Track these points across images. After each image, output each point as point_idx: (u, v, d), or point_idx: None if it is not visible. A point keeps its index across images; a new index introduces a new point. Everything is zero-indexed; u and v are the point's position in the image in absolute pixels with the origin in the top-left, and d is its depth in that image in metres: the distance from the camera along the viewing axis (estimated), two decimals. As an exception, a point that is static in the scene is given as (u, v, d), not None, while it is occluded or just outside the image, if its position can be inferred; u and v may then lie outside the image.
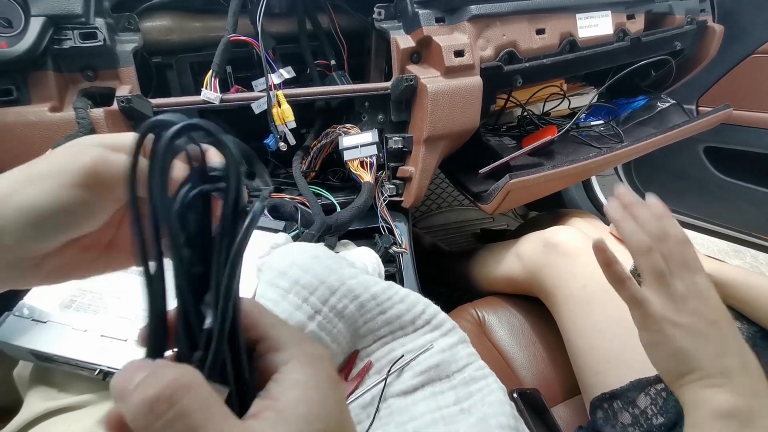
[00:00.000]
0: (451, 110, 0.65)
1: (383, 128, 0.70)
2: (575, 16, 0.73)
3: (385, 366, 0.46)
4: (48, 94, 0.55)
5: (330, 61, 0.73)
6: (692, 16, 0.86)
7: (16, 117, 0.53)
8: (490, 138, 0.85)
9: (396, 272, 0.67)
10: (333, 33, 0.73)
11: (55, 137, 0.52)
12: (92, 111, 0.55)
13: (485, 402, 0.44)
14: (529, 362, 0.71)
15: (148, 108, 0.58)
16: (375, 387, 0.45)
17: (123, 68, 0.57)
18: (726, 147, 1.08)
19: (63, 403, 0.41)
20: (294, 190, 0.71)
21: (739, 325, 0.59)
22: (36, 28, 0.52)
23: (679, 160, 1.18)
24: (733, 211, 1.14)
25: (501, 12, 0.67)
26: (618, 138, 0.86)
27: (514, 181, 0.69)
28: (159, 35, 0.65)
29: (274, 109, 0.62)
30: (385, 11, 0.66)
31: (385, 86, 0.66)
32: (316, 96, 0.65)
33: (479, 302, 0.80)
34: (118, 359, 0.40)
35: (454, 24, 0.66)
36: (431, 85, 0.62)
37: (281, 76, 0.63)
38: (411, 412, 0.43)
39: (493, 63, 0.68)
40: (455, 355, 0.47)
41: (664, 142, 0.84)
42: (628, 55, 0.81)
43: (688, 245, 0.43)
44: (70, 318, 0.42)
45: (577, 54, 0.74)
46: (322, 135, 0.71)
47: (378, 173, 0.71)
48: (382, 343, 0.47)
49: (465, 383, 0.46)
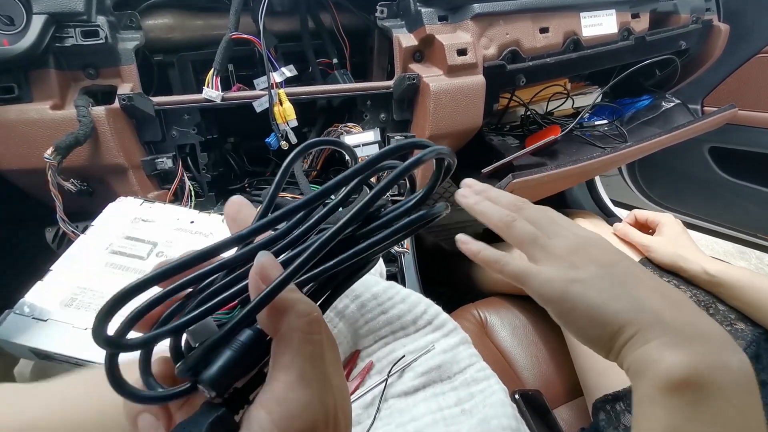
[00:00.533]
0: (454, 109, 0.64)
1: (385, 127, 0.70)
2: (579, 14, 0.73)
3: (386, 366, 0.46)
4: (50, 91, 0.55)
5: (332, 59, 0.73)
6: (697, 15, 0.85)
7: (17, 115, 0.53)
8: (493, 137, 0.85)
9: (397, 272, 0.66)
10: (335, 31, 0.73)
11: (57, 135, 0.52)
12: (94, 109, 0.55)
13: (486, 403, 0.43)
14: (531, 363, 0.71)
15: (150, 106, 0.58)
16: (376, 387, 0.45)
17: (124, 66, 0.57)
18: (731, 147, 1.07)
19: (63, 402, 0.41)
20: (295, 189, 0.71)
21: (743, 327, 0.59)
22: (38, 25, 0.52)
23: (683, 161, 1.17)
24: (738, 212, 1.13)
25: (504, 10, 0.66)
26: (622, 138, 0.86)
27: (516, 181, 0.68)
28: (161, 33, 0.65)
29: (275, 108, 0.61)
30: (388, 9, 0.66)
31: (388, 85, 0.65)
32: (318, 95, 0.65)
33: (481, 303, 0.80)
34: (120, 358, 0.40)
35: (457, 22, 0.65)
36: (434, 84, 0.62)
37: (283, 74, 0.63)
38: (412, 412, 0.43)
39: (496, 62, 0.67)
40: (457, 356, 0.47)
41: (668, 142, 0.84)
42: (632, 54, 0.81)
43: (549, 209, 0.39)
44: (71, 316, 0.42)
45: (580, 53, 0.73)
46: (324, 134, 0.71)
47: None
48: (383, 343, 0.47)
49: (466, 384, 0.45)
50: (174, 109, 0.61)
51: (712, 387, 0.27)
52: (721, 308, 0.59)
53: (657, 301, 0.31)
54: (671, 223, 0.71)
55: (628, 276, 0.33)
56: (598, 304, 0.31)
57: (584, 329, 0.33)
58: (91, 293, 0.44)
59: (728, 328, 0.58)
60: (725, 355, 0.29)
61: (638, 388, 0.30)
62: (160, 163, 0.61)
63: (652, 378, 0.29)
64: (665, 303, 0.31)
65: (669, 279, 0.66)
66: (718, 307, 0.60)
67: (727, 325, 0.58)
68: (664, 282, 0.33)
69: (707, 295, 0.62)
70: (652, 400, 0.29)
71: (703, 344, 0.29)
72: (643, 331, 0.30)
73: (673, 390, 0.28)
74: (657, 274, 0.68)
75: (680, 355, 0.28)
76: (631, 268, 0.33)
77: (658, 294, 0.32)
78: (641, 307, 0.31)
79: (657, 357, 0.29)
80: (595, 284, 0.32)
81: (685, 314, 0.31)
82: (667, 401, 0.28)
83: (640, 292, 0.32)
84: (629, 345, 0.30)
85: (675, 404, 0.28)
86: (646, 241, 0.70)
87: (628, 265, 0.34)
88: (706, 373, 0.27)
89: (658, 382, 0.28)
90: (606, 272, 0.33)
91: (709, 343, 0.29)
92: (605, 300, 0.31)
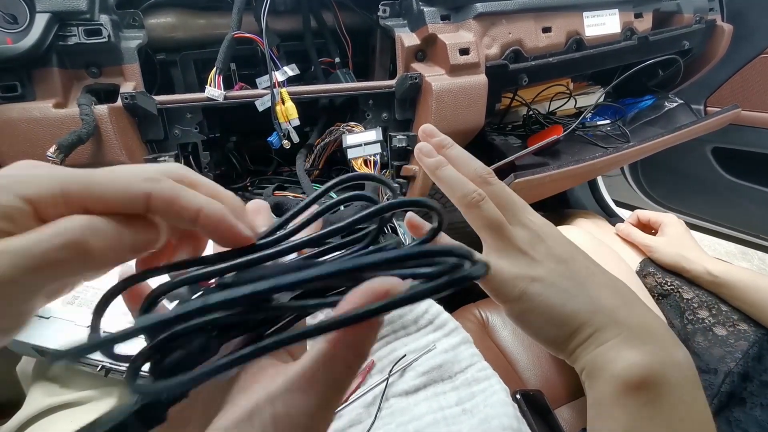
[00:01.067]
0: (456, 109, 0.64)
1: (387, 126, 0.70)
2: (582, 14, 0.72)
3: (387, 365, 0.46)
4: (52, 90, 0.55)
5: (334, 58, 0.73)
6: (701, 15, 0.85)
7: (20, 113, 0.53)
8: (495, 137, 0.85)
9: (399, 271, 0.66)
10: (337, 30, 0.73)
11: (60, 134, 0.52)
12: (96, 108, 0.55)
13: (487, 403, 0.43)
14: (533, 363, 0.71)
15: (152, 105, 0.58)
16: (377, 387, 0.45)
17: (127, 65, 0.57)
18: (734, 148, 1.07)
19: (65, 399, 0.41)
20: (297, 188, 0.71)
21: (746, 328, 0.58)
22: (41, 24, 0.52)
23: (686, 161, 1.17)
24: (741, 213, 1.13)
25: (507, 10, 0.66)
26: (624, 138, 0.85)
27: (518, 181, 0.68)
28: (163, 32, 0.65)
29: (277, 107, 0.61)
30: (390, 9, 0.66)
31: (390, 84, 0.65)
32: (320, 94, 0.65)
33: (483, 302, 0.80)
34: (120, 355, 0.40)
35: (460, 22, 0.65)
36: (436, 84, 0.62)
37: (285, 73, 0.63)
38: (413, 412, 0.43)
39: (498, 61, 0.67)
40: (458, 355, 0.47)
41: (671, 142, 0.83)
42: (635, 54, 0.80)
43: (502, 184, 0.35)
44: (73, 314, 0.42)
45: (583, 53, 0.73)
46: (326, 133, 0.71)
47: (382, 172, 0.71)
48: (384, 342, 0.47)
49: (467, 384, 0.46)
50: (176, 108, 0.61)
51: (666, 384, 0.27)
52: (724, 309, 0.59)
53: (611, 299, 0.31)
54: (674, 223, 0.71)
55: (584, 271, 0.32)
56: (557, 304, 0.30)
57: (542, 330, 0.31)
58: (93, 291, 0.44)
59: (731, 329, 0.58)
60: (673, 351, 0.29)
61: (594, 389, 0.29)
62: (163, 161, 0.61)
63: (609, 378, 0.28)
64: (618, 300, 0.31)
65: (672, 279, 0.66)
66: (721, 308, 0.60)
67: (730, 326, 0.58)
68: (613, 276, 0.32)
69: (710, 296, 0.62)
70: (610, 401, 0.28)
71: (654, 342, 0.29)
72: (599, 332, 0.29)
73: (631, 390, 0.27)
74: (659, 274, 0.68)
75: (636, 355, 0.28)
76: (586, 263, 0.32)
77: (611, 290, 0.31)
78: (597, 306, 0.30)
79: (613, 357, 0.28)
80: (554, 282, 0.31)
81: (636, 312, 0.31)
82: (625, 401, 0.27)
83: (596, 290, 0.31)
84: (584, 345, 0.30)
85: (633, 404, 0.27)
86: (648, 242, 0.70)
87: (583, 260, 0.32)
88: (661, 370, 0.28)
89: (616, 382, 0.28)
90: (565, 268, 0.31)
91: (659, 341, 0.29)
92: (564, 300, 0.30)
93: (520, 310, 0.31)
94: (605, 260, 0.67)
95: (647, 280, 0.68)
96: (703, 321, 0.59)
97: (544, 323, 0.31)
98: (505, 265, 0.31)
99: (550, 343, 0.32)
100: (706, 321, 0.59)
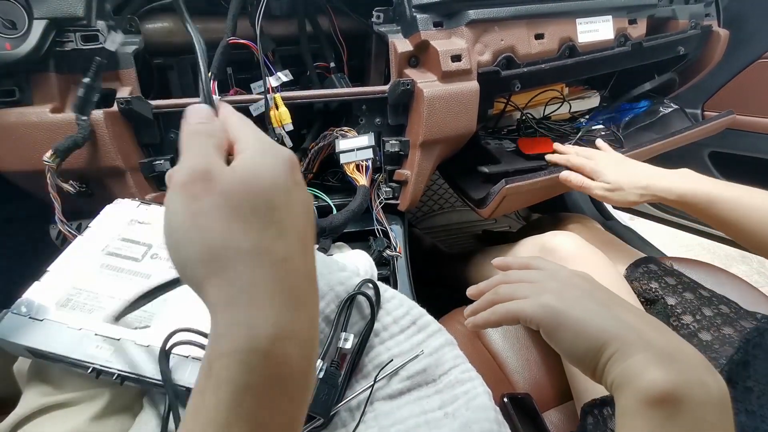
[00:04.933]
0: (447, 115, 0.65)
1: (381, 131, 0.70)
2: (575, 21, 0.73)
3: (372, 370, 0.46)
4: (50, 95, 0.56)
5: (329, 63, 0.74)
6: (696, 21, 0.85)
7: (18, 117, 0.54)
8: (489, 141, 0.86)
9: (390, 275, 0.67)
10: (333, 35, 0.73)
11: (56, 138, 0.54)
12: (92, 112, 0.56)
13: (469, 407, 0.44)
14: (522, 366, 0.71)
15: (148, 110, 0.59)
16: (362, 393, 0.45)
17: (123, 70, 0.58)
18: (732, 152, 1.07)
19: (58, 399, 0.42)
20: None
21: (731, 332, 0.58)
22: (39, 30, 0.53)
23: (683, 165, 1.16)
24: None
25: (499, 17, 0.67)
26: (619, 143, 0.86)
27: (509, 186, 0.69)
28: (160, 37, 0.66)
29: (271, 112, 0.62)
30: (384, 15, 0.66)
31: (383, 90, 0.66)
32: (313, 99, 0.66)
33: (474, 305, 0.81)
34: (111, 358, 0.41)
35: (452, 28, 0.66)
36: (427, 90, 0.63)
37: (279, 79, 0.64)
38: (396, 416, 0.44)
39: (490, 68, 0.67)
40: (441, 358, 0.48)
41: (665, 147, 0.84)
42: (629, 60, 0.81)
43: None
44: (66, 316, 0.43)
45: (576, 59, 0.74)
46: (320, 137, 0.71)
47: (375, 176, 0.71)
48: (368, 348, 0.48)
49: (450, 386, 0.46)
50: (172, 112, 0.62)
51: (690, 402, 0.29)
52: (708, 314, 0.60)
53: (638, 321, 0.34)
54: (604, 155, 0.73)
55: (608, 299, 0.36)
56: (584, 319, 0.34)
57: (572, 346, 0.35)
58: (86, 294, 0.45)
59: (715, 334, 0.58)
60: (703, 375, 0.30)
61: (621, 401, 0.32)
62: (158, 165, 0.62)
63: (634, 391, 0.30)
64: (645, 323, 0.34)
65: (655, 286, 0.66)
66: (704, 312, 0.60)
67: (714, 331, 0.58)
68: (641, 309, 0.37)
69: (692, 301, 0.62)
70: (633, 412, 0.30)
71: (683, 363, 0.31)
72: (626, 347, 0.32)
73: (653, 403, 0.29)
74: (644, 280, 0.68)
75: (661, 371, 0.30)
76: (609, 293, 0.37)
77: (637, 316, 0.34)
78: (623, 324, 0.33)
79: (639, 371, 0.30)
80: (579, 304, 0.35)
81: (665, 336, 0.33)
82: (647, 413, 0.29)
83: (621, 313, 0.34)
84: (612, 360, 0.32)
85: (655, 416, 0.29)
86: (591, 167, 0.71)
87: (606, 291, 0.37)
88: (686, 389, 0.29)
89: (640, 395, 0.30)
90: (588, 294, 0.36)
91: (688, 362, 0.31)
92: (590, 316, 0.34)
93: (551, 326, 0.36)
94: (594, 265, 0.67)
95: (633, 285, 0.68)
96: (688, 326, 0.59)
97: (573, 338, 0.35)
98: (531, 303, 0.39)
99: (581, 360, 0.35)
100: (691, 326, 0.59)
